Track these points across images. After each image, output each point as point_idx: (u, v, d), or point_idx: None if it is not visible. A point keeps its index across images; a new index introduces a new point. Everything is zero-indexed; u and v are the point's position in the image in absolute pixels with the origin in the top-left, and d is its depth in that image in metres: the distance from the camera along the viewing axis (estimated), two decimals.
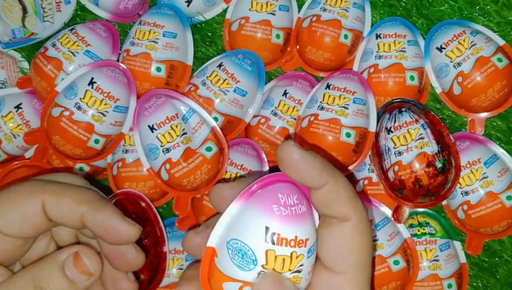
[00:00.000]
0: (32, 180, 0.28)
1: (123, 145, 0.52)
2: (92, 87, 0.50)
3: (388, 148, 0.50)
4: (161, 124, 0.50)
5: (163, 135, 0.49)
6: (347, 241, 0.25)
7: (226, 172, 0.52)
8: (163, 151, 0.49)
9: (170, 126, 0.49)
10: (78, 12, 0.57)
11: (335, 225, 0.25)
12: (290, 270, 0.25)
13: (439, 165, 0.49)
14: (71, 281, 0.26)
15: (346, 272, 0.25)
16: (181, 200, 0.52)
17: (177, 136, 0.49)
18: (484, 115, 0.53)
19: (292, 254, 0.25)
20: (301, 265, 0.25)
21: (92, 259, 0.27)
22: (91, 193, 0.28)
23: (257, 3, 0.54)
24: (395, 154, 0.49)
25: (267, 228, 0.24)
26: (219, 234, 0.26)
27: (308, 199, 0.26)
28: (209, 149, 0.50)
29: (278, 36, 0.55)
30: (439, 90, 0.54)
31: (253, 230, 0.25)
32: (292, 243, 0.25)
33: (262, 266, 0.24)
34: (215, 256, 0.25)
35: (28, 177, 0.41)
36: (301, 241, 0.25)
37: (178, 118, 0.50)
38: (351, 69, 0.55)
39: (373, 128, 0.52)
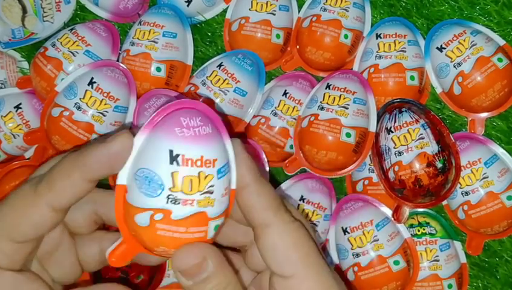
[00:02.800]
0: (24, 186, 0.27)
1: None
2: (92, 87, 0.50)
3: (388, 148, 0.50)
4: None
5: None
6: (279, 244, 0.25)
7: None
8: None
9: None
10: (78, 12, 0.57)
11: (261, 233, 0.26)
12: (199, 191, 0.25)
13: (439, 165, 0.48)
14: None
15: (295, 273, 0.25)
16: None
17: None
18: (484, 115, 0.53)
19: (199, 173, 0.25)
20: (211, 186, 0.25)
21: None
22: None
23: (257, 3, 0.54)
24: (395, 154, 0.49)
25: (170, 151, 0.24)
26: (127, 170, 0.26)
27: (215, 123, 0.26)
28: None
29: (278, 36, 0.54)
30: (439, 90, 0.54)
31: (158, 155, 0.25)
32: (198, 163, 0.25)
33: (170, 189, 0.24)
34: (126, 192, 0.25)
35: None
36: (208, 161, 0.25)
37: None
38: (352, 69, 0.55)
39: (373, 128, 0.51)
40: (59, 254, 0.29)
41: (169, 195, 0.25)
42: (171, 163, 0.24)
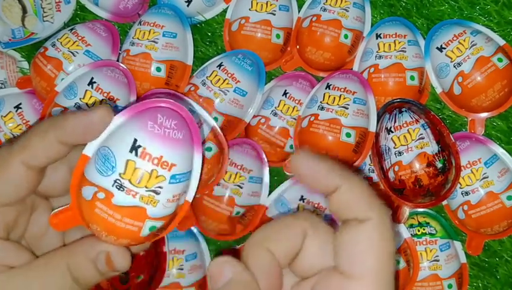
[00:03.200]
0: (4, 149, 0.28)
1: None
2: (92, 87, 0.50)
3: (388, 148, 0.50)
4: None
5: None
6: (365, 243, 0.24)
7: (226, 172, 0.52)
8: None
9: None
10: (78, 12, 0.57)
11: (353, 226, 0.24)
12: (146, 187, 0.25)
13: (439, 165, 0.48)
14: (101, 273, 0.27)
15: (363, 277, 0.24)
16: None
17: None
18: (484, 115, 0.53)
19: (152, 171, 0.25)
20: (160, 187, 0.26)
21: (121, 259, 0.27)
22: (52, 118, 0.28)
23: (257, 3, 0.54)
24: (395, 154, 0.49)
25: (135, 140, 0.25)
26: (96, 144, 0.26)
27: (192, 134, 0.27)
28: (208, 149, 0.50)
29: (278, 36, 0.54)
30: (439, 90, 0.54)
31: (122, 140, 0.26)
32: (155, 161, 0.25)
33: (120, 174, 0.25)
34: (86, 163, 0.26)
35: None
36: (165, 163, 0.25)
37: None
38: (351, 69, 0.55)
39: (373, 128, 0.51)
40: (47, 237, 0.30)
41: (116, 179, 0.25)
42: (130, 151, 0.25)
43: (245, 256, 0.24)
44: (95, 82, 0.50)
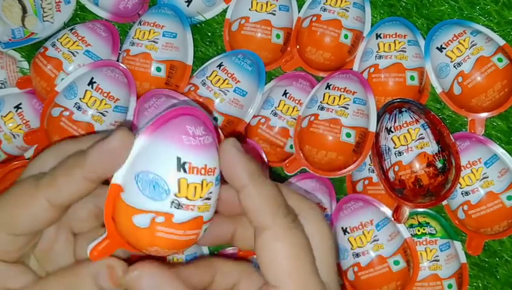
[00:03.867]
0: (27, 179, 0.27)
1: None
2: (92, 87, 0.50)
3: (389, 148, 0.50)
4: None
5: None
6: (269, 252, 0.24)
7: None
8: None
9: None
10: (78, 12, 0.57)
11: (258, 236, 0.25)
12: (201, 197, 0.26)
13: (439, 165, 0.48)
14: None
15: (279, 286, 0.24)
16: None
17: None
18: (484, 115, 0.53)
19: (202, 181, 0.26)
20: (211, 192, 0.26)
21: (124, 271, 0.27)
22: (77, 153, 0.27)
23: (257, 3, 0.54)
24: (395, 154, 0.49)
25: (178, 158, 0.25)
26: (125, 170, 0.26)
27: (213, 132, 0.27)
28: None
29: (278, 36, 0.54)
30: (439, 90, 0.54)
31: (165, 160, 0.25)
32: (203, 172, 0.26)
33: (175, 194, 0.25)
34: (121, 191, 0.26)
35: None
36: (210, 170, 0.26)
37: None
38: (351, 69, 0.55)
39: (373, 128, 0.51)
40: (55, 251, 0.29)
41: (173, 200, 0.25)
42: (178, 170, 0.25)
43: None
44: (95, 82, 0.50)
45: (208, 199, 0.26)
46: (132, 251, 0.27)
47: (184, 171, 0.25)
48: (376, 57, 0.53)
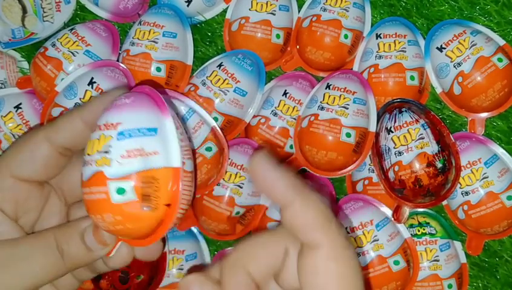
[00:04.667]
0: (32, 130, 0.30)
1: None
2: (92, 87, 0.50)
3: (389, 148, 0.50)
4: None
5: None
6: (320, 272, 0.22)
7: (226, 172, 0.52)
8: None
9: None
10: (78, 12, 0.57)
11: (307, 253, 0.22)
12: (98, 150, 0.26)
13: (439, 165, 0.48)
14: (89, 248, 0.28)
15: None
16: None
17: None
18: (484, 115, 0.53)
19: (101, 136, 0.26)
20: (109, 146, 0.26)
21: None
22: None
23: (257, 3, 0.54)
24: (395, 154, 0.49)
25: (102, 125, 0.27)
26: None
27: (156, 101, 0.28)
28: (208, 149, 0.50)
29: (278, 36, 0.54)
30: (439, 90, 0.54)
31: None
32: (103, 128, 0.27)
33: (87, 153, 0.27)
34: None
35: None
36: (108, 125, 0.26)
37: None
38: (352, 69, 0.55)
39: (373, 128, 0.51)
40: (46, 220, 0.31)
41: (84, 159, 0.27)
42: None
43: (222, 276, 0.23)
44: (95, 82, 0.50)
45: (107, 152, 0.26)
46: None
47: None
48: (376, 57, 0.53)
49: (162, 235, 0.27)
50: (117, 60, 0.54)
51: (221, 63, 0.53)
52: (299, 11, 0.56)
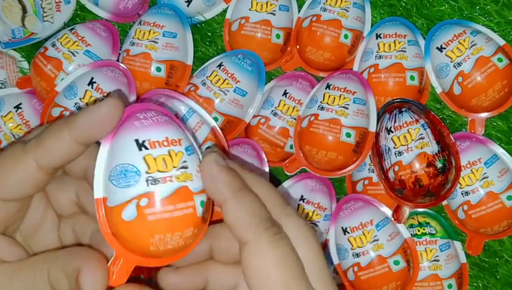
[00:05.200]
0: (15, 144, 0.27)
1: None
2: (92, 87, 0.50)
3: (389, 148, 0.50)
4: None
5: None
6: (252, 267, 0.24)
7: None
8: None
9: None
10: (78, 12, 0.57)
11: (241, 251, 0.24)
12: (174, 167, 0.25)
13: (439, 165, 0.48)
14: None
15: None
16: None
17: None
18: (484, 115, 0.53)
19: (169, 152, 0.26)
20: (185, 161, 0.26)
21: (90, 282, 0.25)
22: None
23: (257, 3, 0.54)
24: (395, 154, 0.49)
25: (136, 140, 0.26)
26: (101, 182, 0.26)
27: (169, 114, 0.27)
28: None
29: (278, 36, 0.54)
30: (439, 90, 0.54)
31: (126, 150, 0.25)
32: (166, 143, 0.26)
33: (146, 172, 0.25)
34: (106, 201, 0.26)
35: None
36: (174, 141, 0.26)
37: (178, 118, 0.50)
38: (352, 69, 0.55)
39: (373, 128, 0.51)
40: (42, 231, 0.30)
41: (147, 178, 0.25)
42: (140, 149, 0.25)
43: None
44: (95, 82, 0.50)
45: (184, 167, 0.26)
46: (152, 264, 0.26)
47: (146, 148, 0.25)
48: (376, 57, 0.53)
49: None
50: (117, 60, 0.54)
51: (221, 63, 0.53)
52: (299, 11, 0.56)
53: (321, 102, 0.51)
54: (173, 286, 0.28)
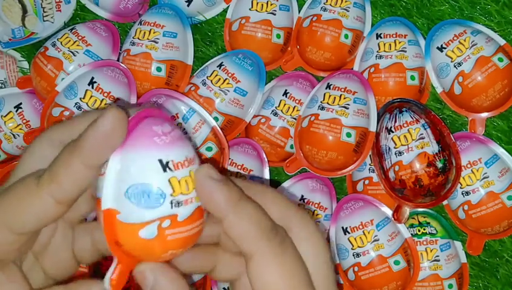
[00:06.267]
0: (28, 177, 0.26)
1: None
2: (92, 87, 0.50)
3: (389, 148, 0.50)
4: None
5: None
6: (259, 280, 0.24)
7: (227, 172, 0.52)
8: None
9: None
10: (79, 12, 0.57)
11: (247, 265, 0.24)
12: (194, 188, 0.26)
13: (439, 165, 0.48)
14: None
15: None
16: None
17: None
18: (485, 114, 0.53)
19: (190, 173, 0.26)
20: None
21: None
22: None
23: (257, 3, 0.54)
24: (395, 154, 0.49)
25: (160, 160, 0.25)
26: (112, 193, 0.25)
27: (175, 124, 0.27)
28: (209, 149, 0.50)
29: (278, 36, 0.54)
30: (439, 90, 0.54)
31: (148, 168, 0.25)
32: (186, 164, 0.26)
33: (171, 194, 0.25)
34: (117, 214, 0.25)
35: None
36: (191, 160, 0.26)
37: (178, 118, 0.50)
38: (352, 69, 0.55)
39: (373, 128, 0.51)
40: (53, 245, 0.29)
41: (172, 200, 0.25)
42: (165, 171, 0.25)
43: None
44: (95, 82, 0.50)
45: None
46: (153, 260, 0.27)
47: (170, 170, 0.25)
48: (376, 56, 0.53)
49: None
50: (117, 60, 0.54)
51: (222, 62, 0.53)
52: (299, 11, 0.56)
53: (321, 102, 0.51)
54: (184, 264, 0.28)
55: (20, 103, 0.53)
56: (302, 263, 0.25)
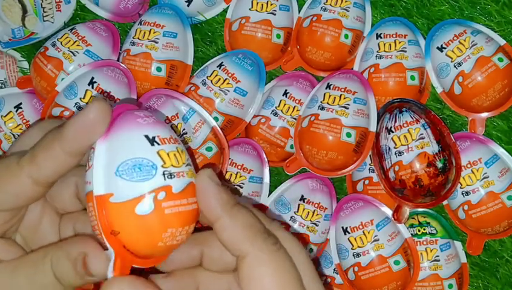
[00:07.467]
0: (9, 157, 0.27)
1: None
2: (92, 87, 0.50)
3: (389, 148, 0.50)
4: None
5: None
6: (254, 278, 0.24)
7: (226, 172, 0.52)
8: None
9: (171, 126, 0.49)
10: (79, 12, 0.57)
11: (240, 265, 0.25)
12: (184, 163, 0.26)
13: (439, 165, 0.48)
14: (81, 276, 0.27)
15: None
16: None
17: (177, 135, 0.49)
18: (485, 114, 0.53)
19: (177, 148, 0.26)
20: (188, 159, 0.27)
21: (97, 263, 0.26)
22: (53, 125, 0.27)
23: (257, 3, 0.54)
24: (395, 154, 0.49)
25: (146, 136, 0.25)
26: (102, 178, 0.25)
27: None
28: (209, 149, 0.50)
29: (278, 36, 0.54)
30: (439, 90, 0.54)
31: (136, 144, 0.25)
32: (172, 141, 0.26)
33: (162, 166, 0.25)
34: (110, 197, 0.25)
35: None
36: (176, 140, 0.26)
37: (178, 118, 0.50)
38: (352, 69, 0.55)
39: (373, 128, 0.51)
40: (41, 230, 0.29)
41: (164, 171, 0.25)
42: (152, 144, 0.25)
43: None
44: (95, 82, 0.50)
45: (190, 164, 0.26)
46: (147, 264, 0.26)
47: (158, 143, 0.25)
48: (376, 56, 0.53)
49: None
50: (118, 60, 0.54)
51: (222, 62, 0.53)
52: (299, 11, 0.56)
53: (321, 102, 0.51)
54: (165, 285, 0.28)
55: (20, 103, 0.53)
56: (293, 263, 0.25)
